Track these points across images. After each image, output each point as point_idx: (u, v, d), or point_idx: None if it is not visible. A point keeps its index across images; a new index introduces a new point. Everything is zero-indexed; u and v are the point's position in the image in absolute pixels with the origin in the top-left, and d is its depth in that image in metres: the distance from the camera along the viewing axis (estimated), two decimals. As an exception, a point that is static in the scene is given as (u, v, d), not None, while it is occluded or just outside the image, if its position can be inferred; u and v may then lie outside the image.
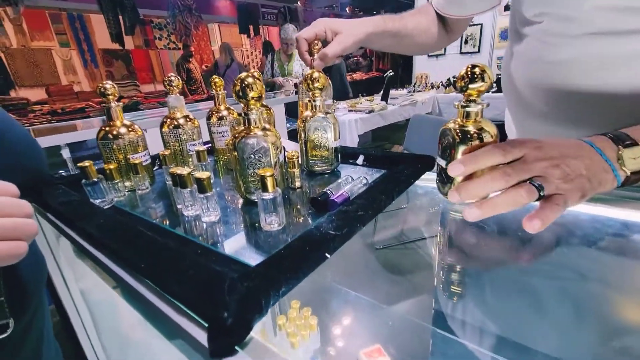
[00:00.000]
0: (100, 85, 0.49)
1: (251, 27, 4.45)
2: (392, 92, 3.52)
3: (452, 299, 0.61)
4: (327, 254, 0.31)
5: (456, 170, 0.33)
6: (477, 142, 0.37)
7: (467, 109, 0.37)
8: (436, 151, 0.44)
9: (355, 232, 0.36)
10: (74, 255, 0.56)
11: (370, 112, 2.68)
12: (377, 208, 0.39)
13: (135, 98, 3.44)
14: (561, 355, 0.40)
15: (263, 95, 0.45)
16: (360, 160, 0.60)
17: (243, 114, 0.42)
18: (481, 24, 3.92)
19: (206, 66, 4.67)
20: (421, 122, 2.24)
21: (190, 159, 0.58)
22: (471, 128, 0.37)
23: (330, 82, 0.65)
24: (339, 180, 0.47)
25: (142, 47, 4.55)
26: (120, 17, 3.71)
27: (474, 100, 0.37)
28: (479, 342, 0.48)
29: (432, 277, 0.60)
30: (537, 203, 0.32)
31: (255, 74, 0.64)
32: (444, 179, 0.42)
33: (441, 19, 0.74)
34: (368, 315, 0.61)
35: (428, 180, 0.56)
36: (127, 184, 0.53)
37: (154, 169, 0.62)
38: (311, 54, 0.62)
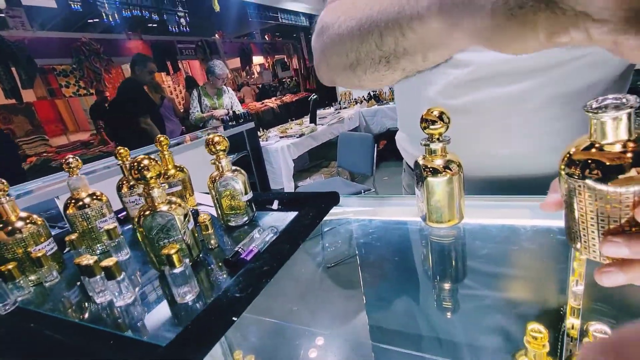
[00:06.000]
0: (-15, 184, 0.47)
1: (169, 63, 4.34)
2: (320, 111, 3.70)
3: (381, 311, 0.68)
4: (234, 318, 0.35)
5: (615, 251, 0.23)
6: None
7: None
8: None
9: (262, 287, 0.40)
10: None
11: (300, 135, 2.79)
12: (282, 259, 0.44)
13: (45, 155, 3.11)
14: (480, 341, 0.48)
15: (162, 171, 0.48)
16: (275, 205, 0.65)
17: (145, 194, 0.44)
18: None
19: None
20: (348, 139, 2.39)
21: (103, 237, 0.58)
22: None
23: None
24: (252, 234, 0.51)
25: (47, 98, 4.13)
26: (14, 70, 3.36)
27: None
28: (413, 345, 0.55)
29: (361, 293, 0.67)
30: None
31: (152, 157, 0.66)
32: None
33: None
34: (312, 345, 0.65)
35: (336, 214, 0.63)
36: (32, 277, 0.51)
37: (64, 251, 0.60)
38: None
